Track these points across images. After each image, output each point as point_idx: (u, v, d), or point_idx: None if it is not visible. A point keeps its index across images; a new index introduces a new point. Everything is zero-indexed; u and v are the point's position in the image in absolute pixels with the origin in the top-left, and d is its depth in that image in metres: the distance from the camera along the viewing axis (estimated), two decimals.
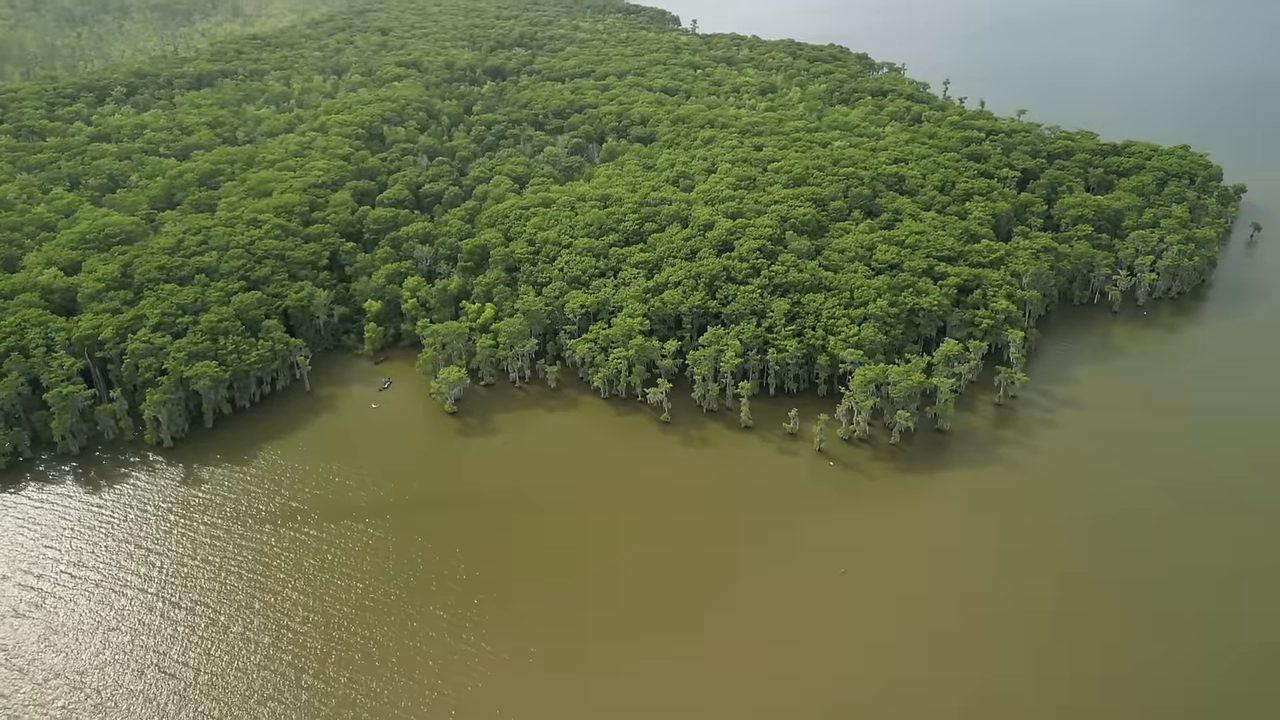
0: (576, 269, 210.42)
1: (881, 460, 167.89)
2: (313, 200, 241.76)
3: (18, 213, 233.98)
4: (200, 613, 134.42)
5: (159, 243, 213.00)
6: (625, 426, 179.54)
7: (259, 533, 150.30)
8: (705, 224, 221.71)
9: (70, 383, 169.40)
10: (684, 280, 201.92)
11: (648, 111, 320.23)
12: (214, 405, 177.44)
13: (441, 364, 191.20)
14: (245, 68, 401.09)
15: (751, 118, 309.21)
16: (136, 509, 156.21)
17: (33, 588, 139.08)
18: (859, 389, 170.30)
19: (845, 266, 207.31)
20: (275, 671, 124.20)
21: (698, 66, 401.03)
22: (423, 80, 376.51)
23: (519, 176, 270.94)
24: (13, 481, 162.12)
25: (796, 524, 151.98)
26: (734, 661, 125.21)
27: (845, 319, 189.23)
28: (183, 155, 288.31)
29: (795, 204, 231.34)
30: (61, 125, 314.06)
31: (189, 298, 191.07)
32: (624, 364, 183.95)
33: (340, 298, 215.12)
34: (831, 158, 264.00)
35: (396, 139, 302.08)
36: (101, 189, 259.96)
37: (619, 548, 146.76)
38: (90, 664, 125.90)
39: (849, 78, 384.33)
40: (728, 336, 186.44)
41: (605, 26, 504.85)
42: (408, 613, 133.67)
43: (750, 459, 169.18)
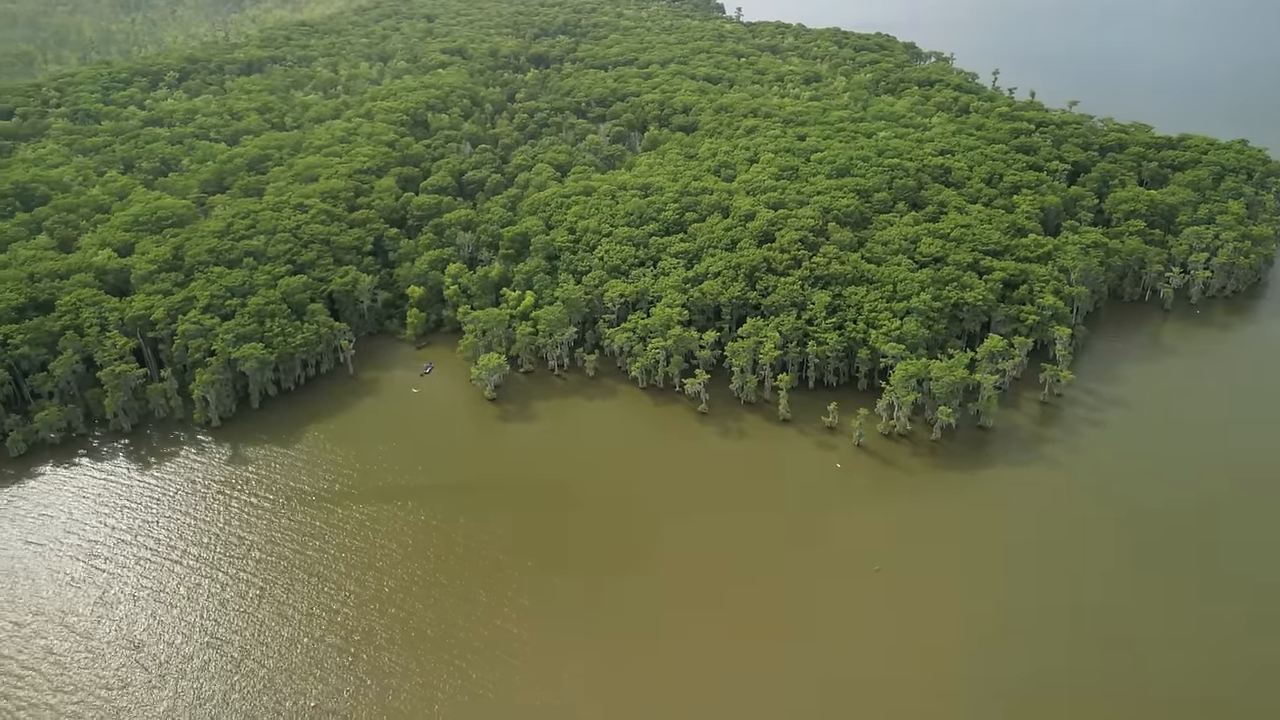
0: (616, 258, 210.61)
1: (921, 456, 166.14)
2: (358, 186, 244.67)
3: (74, 195, 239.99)
4: (247, 587, 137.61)
5: (209, 226, 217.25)
6: (663, 417, 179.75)
7: (303, 511, 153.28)
8: (746, 214, 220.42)
9: (123, 362, 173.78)
10: (724, 271, 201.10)
11: (690, 100, 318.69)
12: (260, 386, 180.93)
13: (482, 350, 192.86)
14: (294, 54, 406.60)
15: (795, 107, 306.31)
16: (186, 485, 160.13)
17: (89, 557, 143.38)
18: (900, 384, 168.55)
19: (888, 259, 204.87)
20: (318, 647, 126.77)
21: (741, 55, 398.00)
22: (467, 67, 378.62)
23: (561, 165, 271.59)
24: (68, 456, 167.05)
25: (833, 519, 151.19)
26: (767, 655, 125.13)
27: (887, 313, 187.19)
28: (232, 140, 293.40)
29: (838, 195, 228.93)
30: (116, 109, 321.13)
31: (237, 280, 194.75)
32: (662, 354, 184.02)
33: (384, 283, 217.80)
34: (876, 148, 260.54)
35: (440, 126, 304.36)
36: (154, 172, 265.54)
37: (655, 537, 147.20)
38: (143, 632, 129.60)
39: (895, 67, 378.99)
40: (767, 328, 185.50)
41: (649, 14, 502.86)
42: (447, 594, 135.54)
43: (788, 452, 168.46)
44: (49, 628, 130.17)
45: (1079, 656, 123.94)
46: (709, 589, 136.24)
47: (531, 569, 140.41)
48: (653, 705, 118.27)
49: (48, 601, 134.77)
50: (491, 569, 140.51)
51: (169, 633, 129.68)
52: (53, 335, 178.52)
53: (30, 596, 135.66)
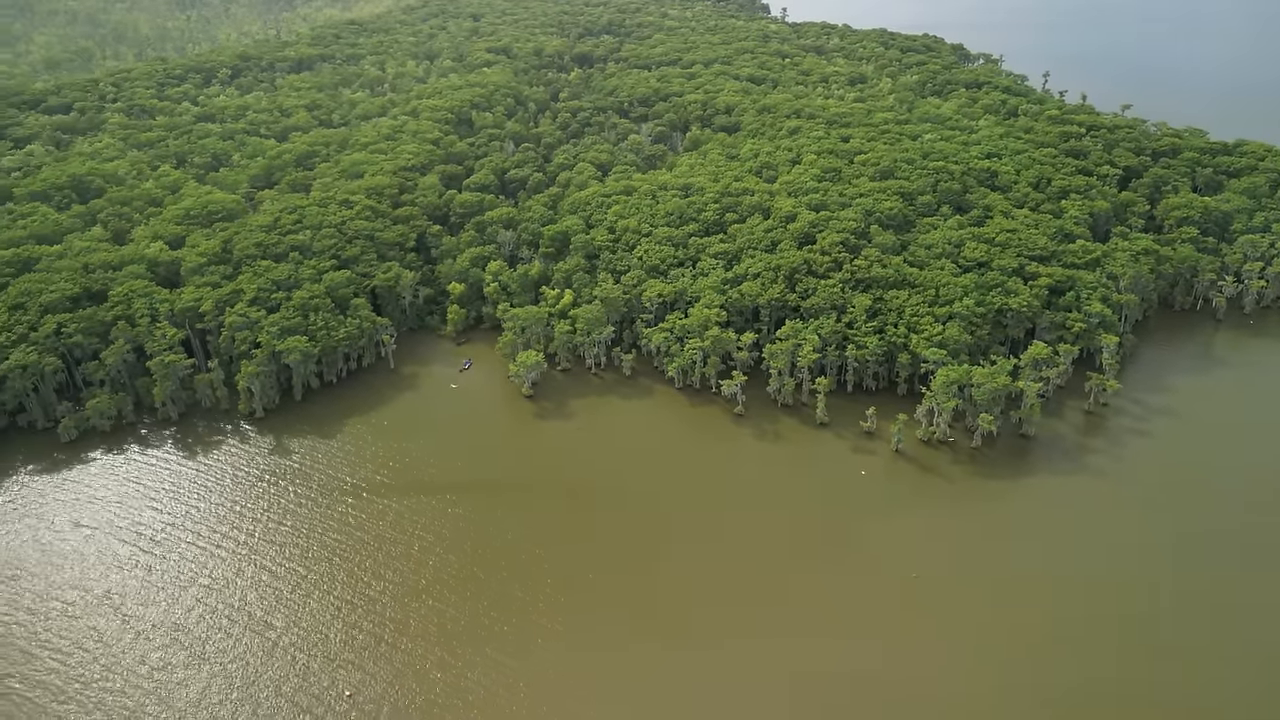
0: (655, 258, 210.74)
1: (961, 464, 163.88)
2: (402, 183, 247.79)
3: (128, 188, 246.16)
4: (287, 575, 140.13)
5: (257, 220, 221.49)
6: (698, 417, 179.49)
7: (343, 503, 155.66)
8: (787, 216, 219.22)
9: (172, 352, 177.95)
10: (763, 272, 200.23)
11: (733, 100, 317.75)
12: (303, 379, 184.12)
13: (520, 348, 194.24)
14: (343, 52, 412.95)
15: (839, 108, 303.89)
16: (230, 474, 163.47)
17: (137, 541, 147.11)
18: (941, 389, 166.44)
19: (931, 263, 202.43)
20: (354, 635, 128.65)
21: (786, 55, 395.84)
22: (511, 66, 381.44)
23: (602, 164, 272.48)
24: (118, 443, 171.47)
25: (870, 524, 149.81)
26: (802, 659, 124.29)
27: (929, 317, 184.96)
28: (282, 136, 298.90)
29: (881, 197, 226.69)
30: (170, 105, 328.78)
31: (283, 274, 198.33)
32: (699, 355, 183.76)
33: (425, 279, 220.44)
34: (921, 151, 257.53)
35: (484, 124, 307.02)
36: (205, 167, 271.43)
37: (689, 537, 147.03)
38: (186, 617, 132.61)
39: (942, 69, 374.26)
40: (806, 331, 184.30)
41: (694, 14, 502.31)
42: (482, 588, 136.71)
43: (825, 456, 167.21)
44: (96, 608, 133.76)
45: (1126, 666, 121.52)
46: (743, 591, 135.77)
47: (566, 565, 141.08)
48: (684, 704, 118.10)
49: (96, 583, 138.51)
50: (526, 564, 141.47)
51: (211, 616, 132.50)
52: (105, 325, 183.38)
53: (79, 577, 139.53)
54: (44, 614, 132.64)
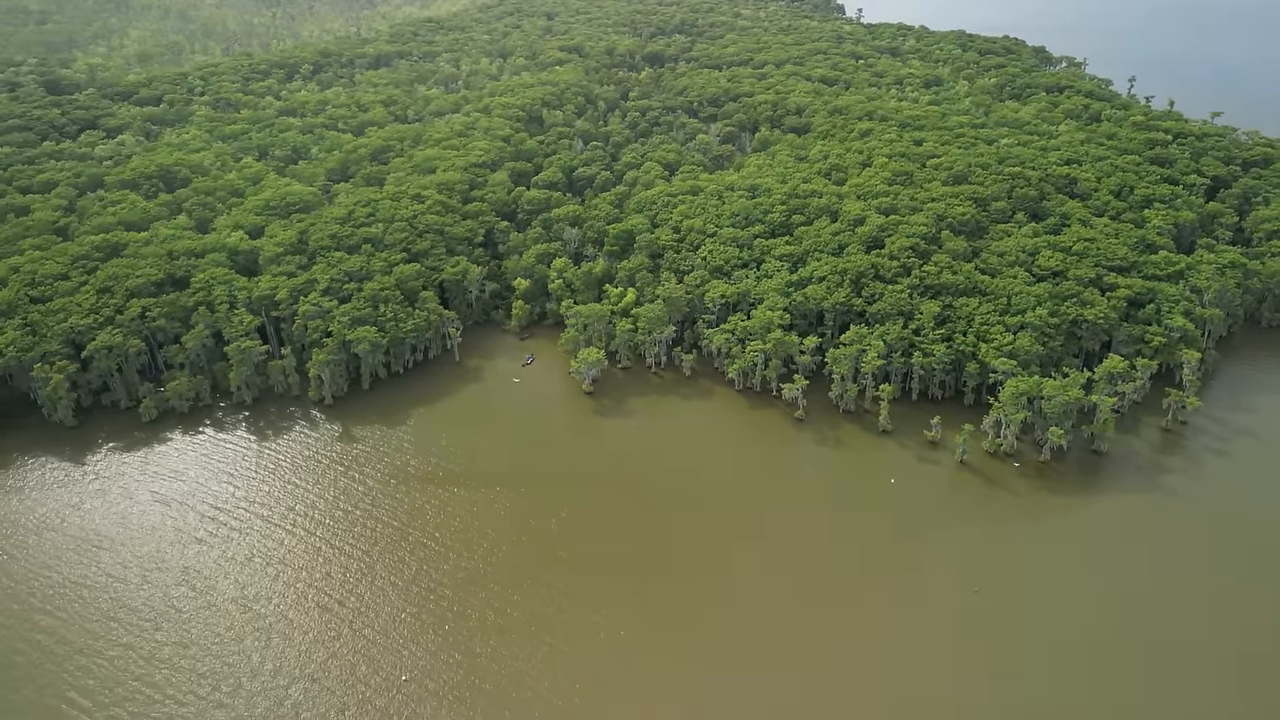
0: (719, 258, 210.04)
1: (1028, 478, 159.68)
2: (473, 179, 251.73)
3: (212, 178, 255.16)
4: (353, 557, 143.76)
5: (332, 213, 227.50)
6: (758, 420, 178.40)
7: (407, 490, 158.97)
8: (856, 219, 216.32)
9: (248, 338, 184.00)
10: (829, 276, 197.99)
11: (804, 101, 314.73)
12: (372, 368, 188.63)
13: (582, 344, 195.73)
14: (420, 49, 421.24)
15: (913, 111, 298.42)
16: (300, 458, 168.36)
17: (212, 518, 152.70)
18: (1010, 401, 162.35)
19: (1004, 271, 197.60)
20: (414, 623, 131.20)
21: (860, 57, 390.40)
22: (583, 65, 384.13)
23: (669, 164, 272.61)
24: (194, 424, 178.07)
25: (932, 536, 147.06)
26: (855, 669, 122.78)
27: (1000, 326, 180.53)
28: (358, 131, 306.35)
29: (954, 202, 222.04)
30: (254, 99, 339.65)
31: (355, 266, 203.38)
32: (761, 357, 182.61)
33: (492, 274, 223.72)
34: (997, 156, 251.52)
35: (555, 122, 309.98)
36: (285, 160, 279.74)
37: (745, 540, 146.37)
38: (257, 592, 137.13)
39: (1022, 72, 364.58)
40: (871, 336, 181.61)
41: (767, 14, 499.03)
42: (540, 582, 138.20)
43: (887, 465, 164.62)
44: (173, 582, 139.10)
45: (1192, 690, 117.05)
46: (799, 597, 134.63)
47: (623, 561, 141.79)
48: (737, 707, 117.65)
49: (172, 557, 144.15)
50: (584, 558, 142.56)
51: (280, 595, 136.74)
52: (186, 310, 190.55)
53: (157, 551, 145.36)
54: (124, 583, 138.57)
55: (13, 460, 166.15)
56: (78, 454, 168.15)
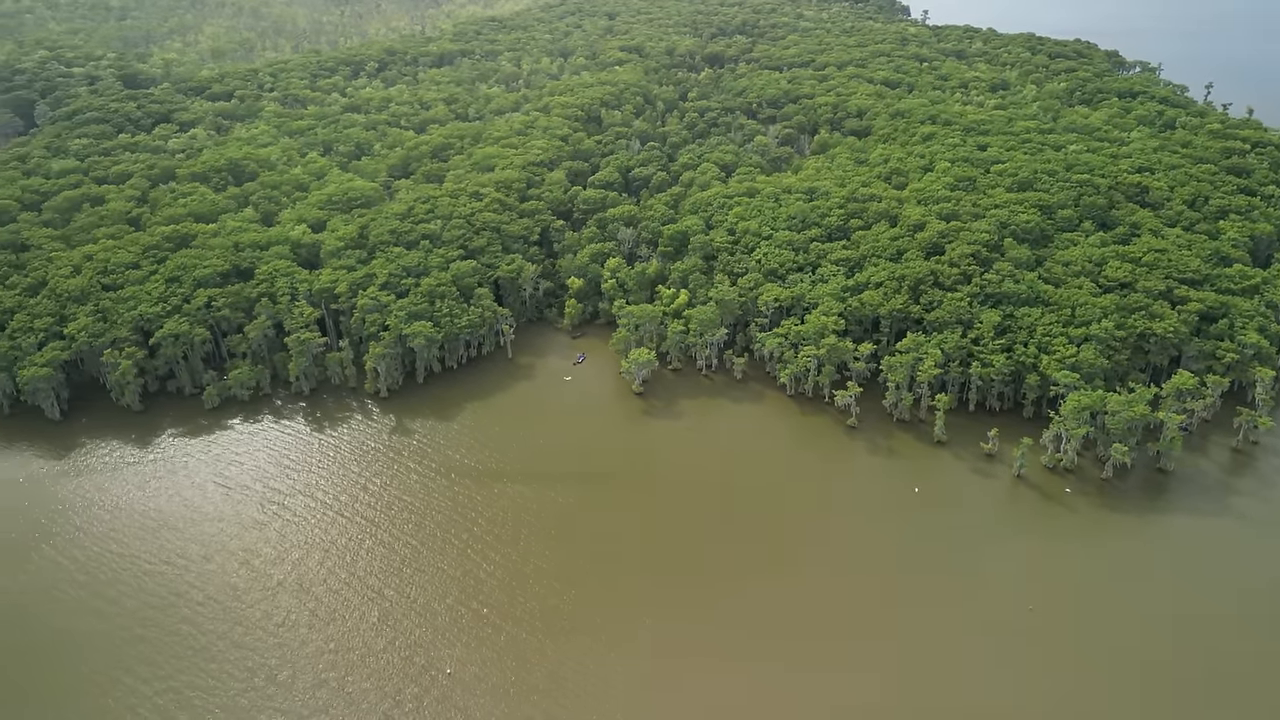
0: (774, 261, 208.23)
1: (1088, 495, 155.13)
2: (530, 178, 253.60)
3: (278, 173, 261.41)
4: (404, 547, 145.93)
5: (392, 209, 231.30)
6: (809, 426, 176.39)
7: (457, 484, 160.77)
8: (916, 224, 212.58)
9: (307, 330, 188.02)
10: (886, 281, 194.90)
11: (865, 104, 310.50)
12: (426, 363, 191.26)
13: (633, 345, 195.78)
14: (482, 48, 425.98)
15: (978, 115, 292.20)
16: (357, 448, 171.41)
17: (270, 504, 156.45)
18: (1071, 415, 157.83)
19: (1069, 281, 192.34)
20: (461, 614, 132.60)
21: (924, 59, 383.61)
22: (643, 65, 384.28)
23: (726, 165, 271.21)
24: (254, 413, 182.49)
25: (985, 551, 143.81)
26: (905, 685, 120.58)
27: (1063, 338, 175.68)
28: (420, 128, 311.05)
29: (1018, 209, 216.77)
30: (321, 95, 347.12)
31: (413, 261, 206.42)
32: (813, 362, 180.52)
33: (546, 273, 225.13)
34: (1064, 162, 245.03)
35: (613, 122, 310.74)
36: (349, 156, 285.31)
37: (795, 549, 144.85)
38: (309, 578, 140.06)
39: (1093, 76, 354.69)
40: (928, 345, 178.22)
41: (830, 15, 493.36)
42: (586, 579, 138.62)
43: (941, 476, 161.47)
44: (232, 564, 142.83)
45: None
46: (849, 607, 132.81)
47: (669, 564, 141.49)
48: (786, 714, 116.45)
49: (232, 540, 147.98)
50: (630, 559, 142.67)
51: (333, 581, 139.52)
52: (250, 301, 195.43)
53: (217, 534, 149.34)
54: (184, 565, 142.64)
55: (82, 442, 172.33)
56: (143, 438, 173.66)
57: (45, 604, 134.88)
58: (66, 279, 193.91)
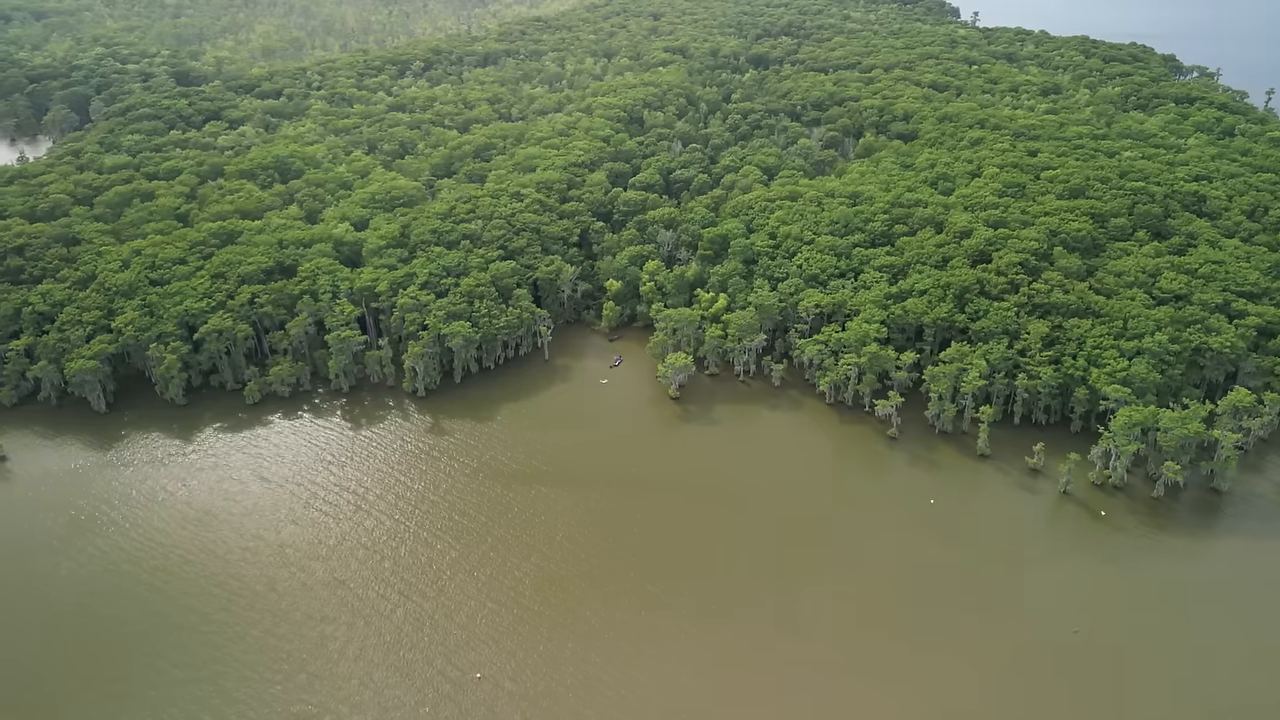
0: (815, 267, 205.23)
1: (1138, 514, 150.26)
2: (571, 179, 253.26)
3: (323, 171, 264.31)
4: (439, 548, 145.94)
5: (434, 208, 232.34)
6: (848, 436, 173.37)
7: (492, 485, 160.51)
8: (962, 231, 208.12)
9: (348, 328, 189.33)
10: (931, 289, 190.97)
11: (912, 107, 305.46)
12: (464, 363, 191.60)
13: (671, 349, 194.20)
14: (527, 48, 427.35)
15: (1028, 120, 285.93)
16: (394, 447, 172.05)
17: (309, 499, 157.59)
18: (1122, 431, 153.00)
19: (1121, 292, 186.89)
20: (495, 617, 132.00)
21: (973, 62, 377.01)
22: (686, 66, 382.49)
23: (769, 168, 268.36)
24: (294, 409, 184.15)
25: (1028, 569, 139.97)
26: (938, 708, 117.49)
27: (1114, 351, 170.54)
28: (463, 128, 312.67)
29: (1069, 217, 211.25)
30: (367, 94, 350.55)
31: (453, 261, 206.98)
32: (854, 371, 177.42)
33: (584, 274, 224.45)
34: (1118, 169, 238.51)
35: (655, 124, 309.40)
36: (393, 154, 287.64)
37: (831, 561, 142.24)
38: (347, 576, 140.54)
39: (1149, 81, 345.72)
40: (973, 355, 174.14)
41: (877, 17, 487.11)
42: (619, 585, 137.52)
43: (983, 491, 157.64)
44: (270, 558, 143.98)
45: None
46: (886, 628, 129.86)
47: (702, 571, 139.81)
48: None
49: (270, 534, 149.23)
50: (663, 565, 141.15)
51: (368, 578, 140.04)
52: (292, 298, 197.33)
53: (257, 529, 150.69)
54: (225, 558, 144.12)
55: (126, 435, 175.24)
56: (186, 432, 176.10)
57: (89, 593, 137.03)
58: (115, 273, 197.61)
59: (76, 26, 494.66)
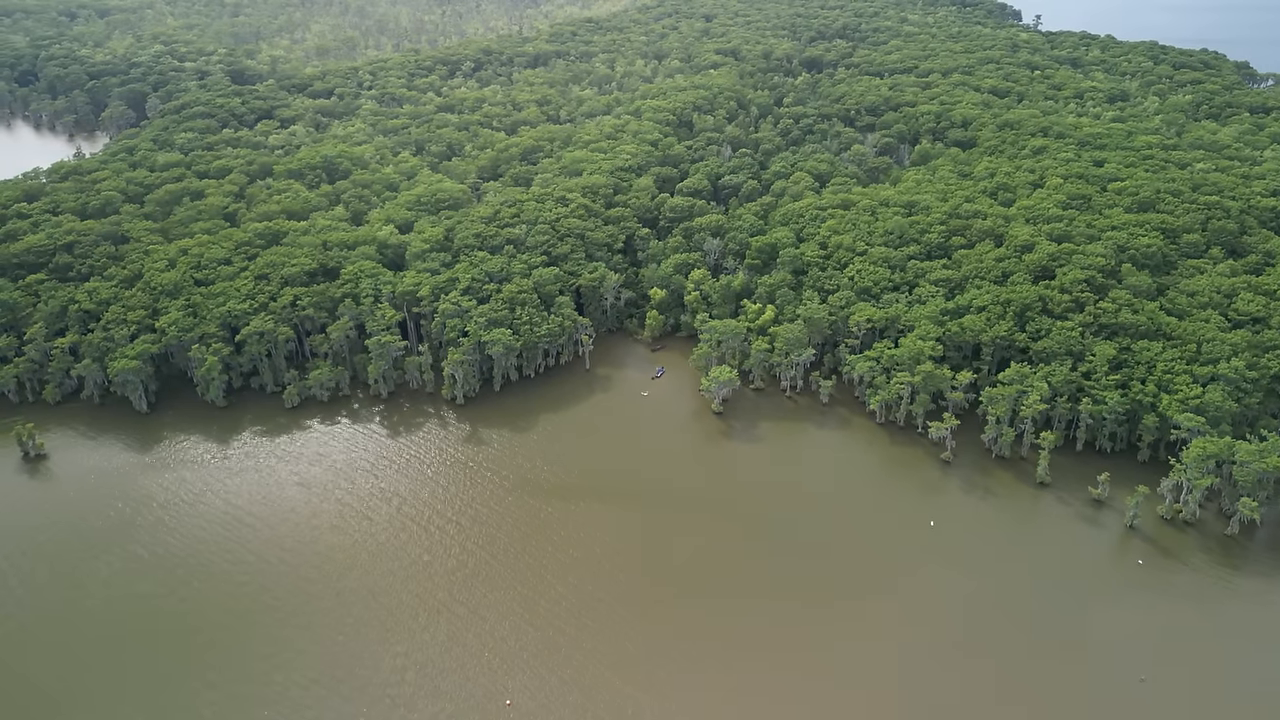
0: (868, 279, 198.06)
1: (1210, 553, 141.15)
2: (617, 183, 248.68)
3: (370, 172, 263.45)
4: (475, 564, 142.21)
5: (478, 212, 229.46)
6: (899, 459, 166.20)
7: (528, 499, 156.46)
8: (1023, 245, 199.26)
9: (389, 333, 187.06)
10: (990, 306, 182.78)
11: (971, 114, 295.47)
12: (504, 370, 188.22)
13: (715, 361, 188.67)
14: (577, 49, 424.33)
15: (1094, 128, 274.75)
16: (432, 455, 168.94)
17: (347, 506, 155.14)
18: (1195, 463, 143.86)
19: (1194, 313, 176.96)
20: (529, 639, 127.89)
21: (1036, 67, 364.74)
22: (738, 69, 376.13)
23: (820, 174, 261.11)
24: (332, 414, 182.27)
25: (1091, 609, 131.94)
26: None
27: (1186, 376, 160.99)
28: (511, 130, 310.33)
29: (1138, 232, 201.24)
30: (416, 95, 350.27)
31: (496, 266, 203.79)
32: (907, 390, 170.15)
33: (628, 282, 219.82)
34: (1190, 182, 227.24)
35: (704, 127, 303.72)
36: (440, 156, 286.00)
37: (878, 592, 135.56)
38: (381, 584, 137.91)
39: (1222, 89, 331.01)
40: (1035, 377, 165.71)
41: (936, 20, 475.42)
42: (658, 608, 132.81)
43: (1043, 522, 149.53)
44: (306, 566, 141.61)
45: None
46: (935, 666, 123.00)
47: (743, 596, 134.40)
48: None
49: (308, 541, 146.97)
50: (704, 588, 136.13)
51: (403, 591, 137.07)
52: (334, 301, 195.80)
53: (294, 534, 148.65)
54: (264, 562, 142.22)
55: (166, 436, 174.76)
56: (225, 434, 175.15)
57: (127, 594, 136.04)
58: (161, 273, 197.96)
59: (138, 24, 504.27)
